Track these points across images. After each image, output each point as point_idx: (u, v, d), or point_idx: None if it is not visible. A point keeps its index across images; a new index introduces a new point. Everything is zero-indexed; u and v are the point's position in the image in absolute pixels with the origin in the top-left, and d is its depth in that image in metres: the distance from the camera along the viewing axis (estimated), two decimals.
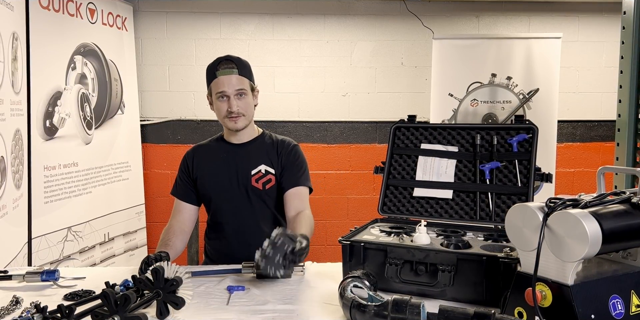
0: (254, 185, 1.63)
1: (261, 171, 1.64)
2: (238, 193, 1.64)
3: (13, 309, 1.17)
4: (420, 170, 1.53)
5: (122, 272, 1.41)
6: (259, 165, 1.65)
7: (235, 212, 1.64)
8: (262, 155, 1.66)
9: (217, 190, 1.65)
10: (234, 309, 1.18)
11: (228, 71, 1.57)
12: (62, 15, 2.40)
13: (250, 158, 1.66)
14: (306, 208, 1.64)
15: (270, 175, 1.65)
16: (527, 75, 2.91)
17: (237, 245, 1.62)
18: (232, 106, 1.57)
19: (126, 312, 1.01)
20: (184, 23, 3.21)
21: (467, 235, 1.38)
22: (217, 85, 1.57)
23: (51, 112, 2.30)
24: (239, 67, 1.58)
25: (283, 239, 1.17)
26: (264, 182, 1.64)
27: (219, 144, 1.71)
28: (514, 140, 1.44)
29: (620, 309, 0.95)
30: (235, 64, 1.58)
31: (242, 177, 1.64)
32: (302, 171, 1.68)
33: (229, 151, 1.67)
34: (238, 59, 1.61)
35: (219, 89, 1.57)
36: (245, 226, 1.64)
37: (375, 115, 3.30)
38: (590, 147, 3.37)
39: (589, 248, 0.88)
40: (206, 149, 1.71)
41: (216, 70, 1.57)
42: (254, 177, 1.64)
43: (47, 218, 2.24)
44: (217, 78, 1.57)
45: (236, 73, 1.58)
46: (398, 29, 3.27)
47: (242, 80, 1.59)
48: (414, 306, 0.98)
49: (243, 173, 1.64)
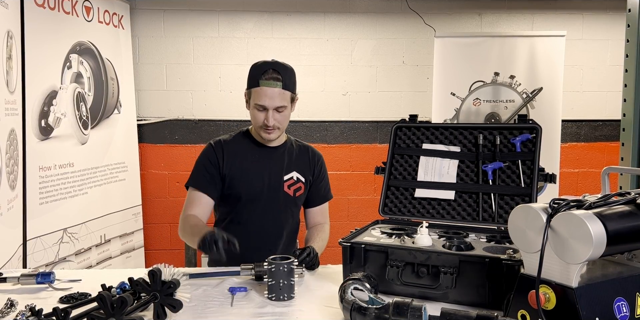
0: (285, 190, 1.63)
1: (293, 178, 1.64)
2: (270, 197, 1.62)
3: (8, 312, 1.16)
4: (421, 171, 1.52)
5: (119, 275, 1.40)
6: (291, 172, 1.64)
7: (262, 215, 1.62)
8: (293, 161, 1.66)
9: (249, 190, 1.60)
10: (234, 311, 1.17)
11: (272, 84, 1.50)
12: (57, 13, 2.38)
13: (282, 163, 1.64)
14: (327, 222, 1.75)
15: (301, 183, 1.66)
16: (530, 74, 2.89)
17: (255, 248, 1.55)
18: (269, 120, 1.52)
19: (123, 315, 1.01)
20: (182, 21, 3.19)
21: (469, 236, 1.38)
22: (259, 96, 1.51)
23: (46, 112, 2.29)
24: (284, 79, 1.51)
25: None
26: (295, 189, 1.65)
27: (248, 143, 1.65)
28: (517, 140, 1.44)
29: (625, 312, 0.94)
30: (281, 75, 1.51)
31: (275, 181, 1.62)
32: (328, 184, 1.74)
33: (261, 151, 1.64)
34: (284, 69, 1.53)
35: (259, 100, 1.51)
36: (269, 230, 1.63)
37: (376, 114, 3.29)
38: (595, 147, 3.36)
39: (593, 250, 0.87)
40: (236, 146, 1.63)
41: (260, 78, 1.50)
42: (287, 182, 1.63)
43: (42, 219, 2.23)
44: (259, 87, 1.50)
45: (280, 86, 1.50)
46: (399, 27, 3.26)
47: (285, 95, 1.53)
48: (416, 309, 0.98)
49: (276, 177, 1.63)
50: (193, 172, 1.63)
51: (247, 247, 1.51)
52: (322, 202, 1.73)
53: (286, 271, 1.23)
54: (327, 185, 1.74)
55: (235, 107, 3.17)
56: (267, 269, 1.24)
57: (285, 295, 1.23)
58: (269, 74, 1.50)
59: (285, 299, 1.23)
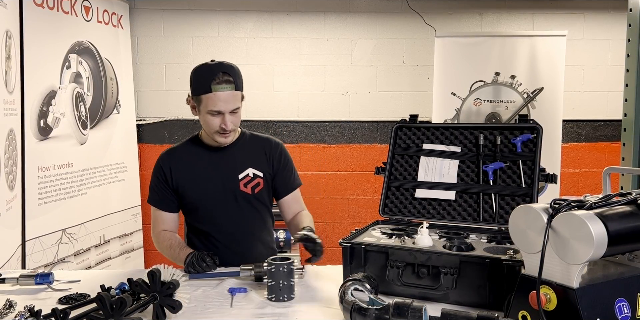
0: (242, 190, 1.57)
1: (249, 175, 1.58)
2: (226, 199, 1.57)
3: (6, 313, 1.16)
4: (422, 171, 1.52)
5: (118, 275, 1.42)
6: (246, 169, 1.58)
7: (224, 219, 1.58)
8: (247, 158, 1.60)
9: (203, 198, 1.57)
10: (233, 312, 1.17)
11: (226, 87, 1.44)
12: (56, 12, 2.38)
13: (235, 162, 1.59)
14: (304, 208, 1.68)
15: (259, 178, 1.59)
16: (531, 73, 2.89)
17: (229, 252, 1.55)
18: (227, 125, 1.47)
19: (122, 316, 1.01)
20: (181, 21, 3.18)
21: (470, 237, 1.38)
22: (212, 102, 1.44)
23: (45, 112, 2.28)
24: (235, 81, 1.46)
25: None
26: (252, 186, 1.59)
27: (197, 147, 1.60)
28: (518, 140, 1.43)
29: (627, 313, 0.94)
30: (232, 77, 1.45)
31: (229, 183, 1.57)
32: (293, 172, 1.67)
33: (211, 155, 1.58)
34: (232, 69, 1.47)
35: (214, 106, 1.45)
36: (236, 233, 1.60)
37: (376, 114, 3.28)
38: (596, 147, 3.36)
39: (594, 250, 0.87)
40: (183, 154, 1.60)
41: (211, 83, 1.43)
42: (242, 181, 1.58)
43: (41, 220, 2.22)
44: (212, 93, 1.43)
45: (233, 88, 1.45)
46: (399, 26, 3.25)
47: (237, 96, 1.48)
48: (416, 310, 0.98)
49: (229, 178, 1.57)
50: (150, 189, 1.63)
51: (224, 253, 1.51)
52: (292, 190, 1.65)
53: (286, 272, 1.23)
54: (294, 173, 1.67)
55: None
56: (267, 270, 1.24)
57: (285, 296, 1.23)
58: (219, 78, 1.43)
59: (285, 299, 1.23)
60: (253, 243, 1.61)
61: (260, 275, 1.34)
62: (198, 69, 1.50)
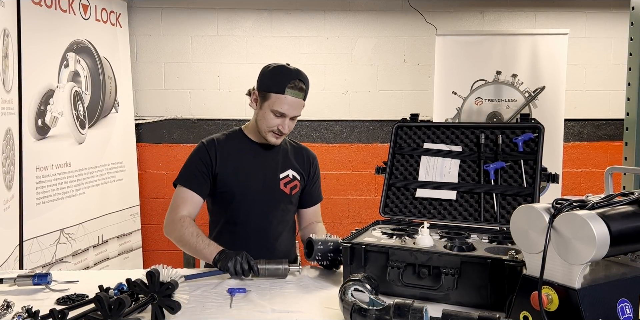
0: (281, 188, 1.63)
1: (289, 176, 1.64)
2: (265, 195, 1.61)
3: (4, 314, 1.16)
4: (422, 171, 1.52)
5: (116, 276, 1.40)
6: (287, 170, 1.65)
7: (258, 214, 1.61)
8: (288, 160, 1.67)
9: (243, 190, 1.60)
10: (232, 313, 1.17)
11: (298, 94, 1.53)
12: (54, 11, 2.37)
13: (278, 161, 1.65)
14: (320, 221, 1.77)
15: (297, 181, 1.66)
16: (533, 72, 2.88)
17: (255, 247, 1.55)
18: (284, 128, 1.55)
19: (120, 316, 1.01)
20: (180, 19, 3.17)
21: (471, 237, 1.38)
22: (281, 103, 1.51)
23: (43, 111, 2.27)
24: (306, 91, 1.56)
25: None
26: (291, 187, 1.65)
27: (242, 141, 1.64)
28: (520, 139, 1.43)
29: (629, 313, 0.94)
30: (305, 86, 1.55)
31: (270, 180, 1.62)
32: (319, 187, 1.76)
33: (257, 151, 1.64)
34: (307, 80, 1.57)
35: (280, 107, 1.52)
36: (268, 229, 1.62)
37: (376, 113, 3.28)
38: (598, 146, 3.35)
39: (596, 250, 0.87)
40: (229, 145, 1.63)
41: (286, 86, 1.51)
42: (282, 180, 1.63)
43: (39, 220, 2.21)
44: (284, 95, 1.51)
45: (303, 97, 1.55)
46: (400, 25, 3.24)
47: (302, 105, 1.57)
48: (417, 310, 0.98)
49: (271, 175, 1.62)
50: (183, 171, 1.62)
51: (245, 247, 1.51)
52: (315, 204, 1.75)
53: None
54: (320, 187, 1.77)
55: (234, 106, 3.15)
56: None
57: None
58: (296, 84, 1.52)
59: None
60: (276, 241, 1.65)
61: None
62: (277, 68, 1.56)
